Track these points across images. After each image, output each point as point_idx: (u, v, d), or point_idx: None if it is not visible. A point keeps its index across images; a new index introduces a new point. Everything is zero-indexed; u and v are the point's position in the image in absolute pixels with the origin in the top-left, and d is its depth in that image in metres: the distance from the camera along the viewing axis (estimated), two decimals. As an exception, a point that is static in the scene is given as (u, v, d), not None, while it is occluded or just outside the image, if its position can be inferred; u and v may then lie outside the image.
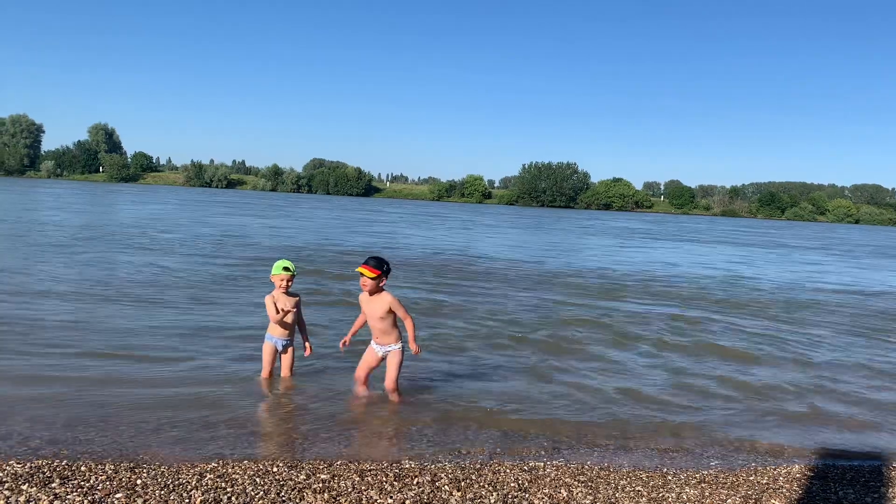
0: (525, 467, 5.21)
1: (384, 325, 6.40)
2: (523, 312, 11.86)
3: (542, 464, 5.32)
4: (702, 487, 5.04)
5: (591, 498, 4.69)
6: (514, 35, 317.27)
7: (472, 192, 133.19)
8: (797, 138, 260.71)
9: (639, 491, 4.88)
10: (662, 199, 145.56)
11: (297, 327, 6.94)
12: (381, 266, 6.26)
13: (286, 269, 6.66)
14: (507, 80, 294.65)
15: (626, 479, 5.09)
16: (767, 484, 5.18)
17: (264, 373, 6.88)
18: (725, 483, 5.17)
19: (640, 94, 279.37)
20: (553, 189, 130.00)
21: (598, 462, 5.48)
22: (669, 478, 5.21)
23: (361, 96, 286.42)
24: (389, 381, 6.55)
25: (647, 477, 5.19)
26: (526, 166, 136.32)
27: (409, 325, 6.37)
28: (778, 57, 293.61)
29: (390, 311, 6.33)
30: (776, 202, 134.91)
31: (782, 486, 5.15)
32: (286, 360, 6.95)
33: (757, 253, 32.85)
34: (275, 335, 6.81)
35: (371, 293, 6.32)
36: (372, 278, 6.21)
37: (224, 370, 7.25)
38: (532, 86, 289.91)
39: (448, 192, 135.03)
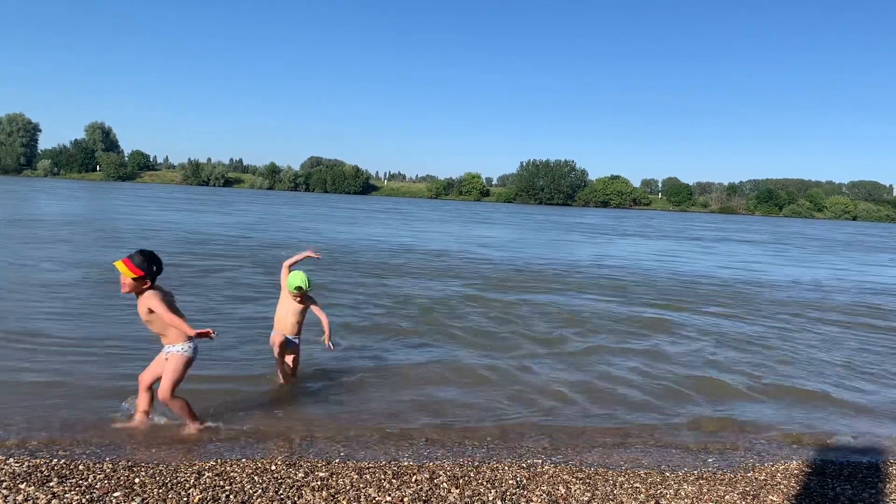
0: (523, 465, 5.22)
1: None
2: (496, 308, 11.88)
3: (540, 461, 5.33)
4: (699, 484, 5.05)
5: (590, 495, 4.69)
6: (512, 33, 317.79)
7: (469, 189, 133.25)
8: (795, 135, 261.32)
9: (637, 488, 4.89)
10: (660, 196, 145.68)
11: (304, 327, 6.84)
12: (145, 266, 5.11)
13: (299, 287, 6.45)
14: (505, 78, 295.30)
15: (624, 477, 5.10)
16: (765, 480, 5.19)
17: (280, 366, 6.73)
18: (723, 480, 5.18)
19: (638, 92, 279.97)
20: (551, 186, 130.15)
21: (597, 460, 5.48)
22: (667, 475, 5.22)
23: (359, 95, 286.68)
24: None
25: (646, 474, 5.20)
26: (524, 164, 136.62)
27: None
28: (776, 54, 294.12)
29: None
30: (774, 199, 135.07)
31: (780, 483, 5.16)
32: (289, 359, 6.89)
33: (685, 246, 32.88)
34: (283, 331, 6.72)
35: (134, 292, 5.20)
36: (134, 279, 5.11)
37: (221, 370, 7.23)
38: (530, 83, 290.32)
39: (446, 189, 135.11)
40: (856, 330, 11.90)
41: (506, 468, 5.10)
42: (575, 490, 4.75)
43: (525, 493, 4.64)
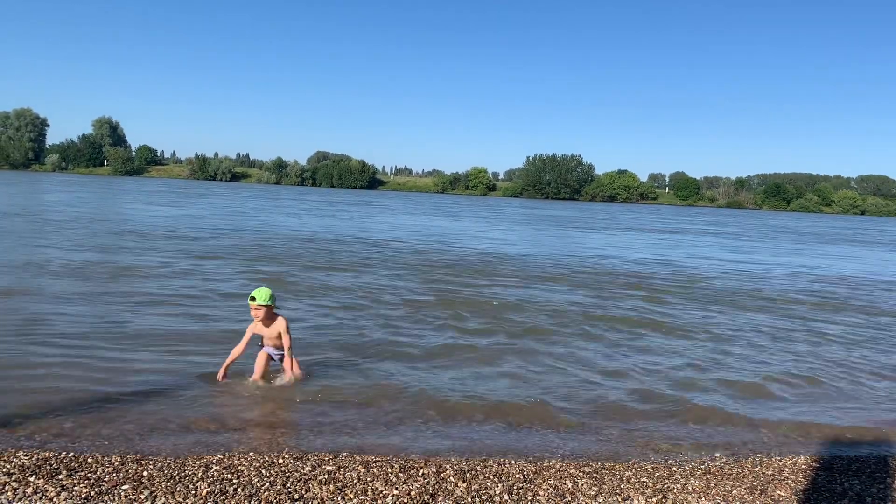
0: (530, 458, 5.22)
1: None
2: (508, 300, 11.87)
3: (547, 456, 5.33)
4: (707, 478, 5.04)
5: (597, 489, 4.69)
6: (518, 27, 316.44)
7: (476, 184, 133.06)
8: (803, 129, 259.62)
9: (644, 482, 4.89)
10: (667, 190, 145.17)
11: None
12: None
13: (252, 298, 6.46)
14: (512, 73, 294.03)
15: (631, 471, 5.10)
16: (773, 475, 5.18)
17: (255, 375, 6.68)
18: (731, 474, 5.17)
19: (645, 86, 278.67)
20: (558, 181, 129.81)
21: (604, 454, 5.48)
22: (675, 469, 5.21)
23: (366, 89, 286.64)
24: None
25: (653, 468, 5.19)
26: (530, 158, 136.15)
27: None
28: (784, 48, 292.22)
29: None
30: (781, 193, 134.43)
31: (788, 477, 5.14)
32: (288, 361, 6.80)
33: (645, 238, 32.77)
34: (268, 346, 6.75)
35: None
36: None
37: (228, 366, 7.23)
38: (537, 78, 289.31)
39: (452, 184, 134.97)
40: (865, 326, 11.84)
41: (512, 462, 5.10)
42: (582, 484, 4.75)
43: (532, 487, 4.64)
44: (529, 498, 4.47)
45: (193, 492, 4.18)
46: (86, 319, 8.82)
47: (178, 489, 4.21)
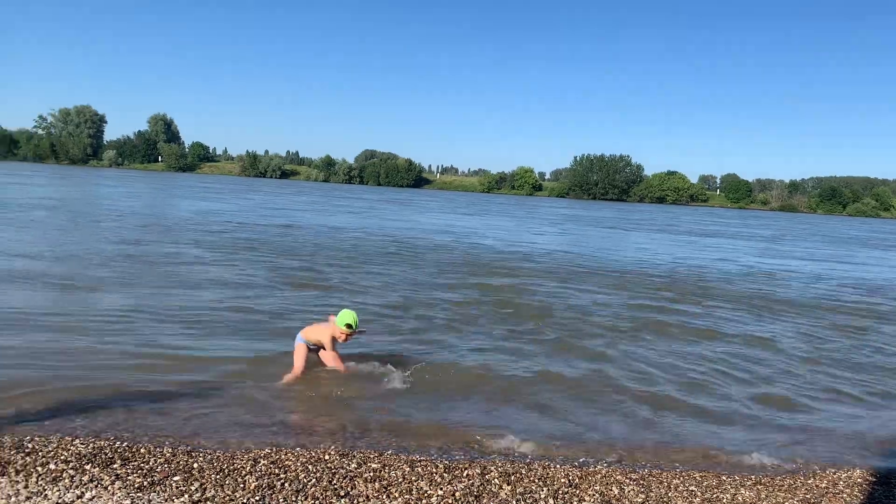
0: (575, 463, 5.17)
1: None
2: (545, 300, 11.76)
3: (593, 461, 5.27)
4: (758, 489, 4.92)
5: (643, 497, 4.62)
6: (566, 26, 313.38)
7: (522, 184, 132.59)
8: (861, 131, 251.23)
9: (692, 491, 4.80)
10: (718, 192, 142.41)
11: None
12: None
13: (348, 325, 6.64)
14: (559, 71, 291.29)
15: (679, 479, 5.01)
16: (827, 488, 5.03)
17: (297, 370, 6.78)
18: (782, 486, 5.04)
19: (696, 85, 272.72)
20: (605, 181, 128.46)
21: (650, 460, 5.40)
22: (724, 478, 5.10)
23: (414, 88, 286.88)
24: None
25: (701, 477, 5.09)
26: (577, 158, 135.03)
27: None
28: (841, 47, 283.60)
29: None
30: (837, 197, 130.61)
31: (842, 491, 4.99)
32: (327, 355, 6.95)
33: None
34: (309, 340, 6.87)
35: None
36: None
37: (274, 361, 7.33)
38: (585, 76, 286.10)
39: (498, 183, 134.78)
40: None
41: (557, 466, 5.06)
42: (628, 491, 4.69)
43: (577, 492, 4.60)
44: (575, 503, 4.42)
45: (242, 485, 4.25)
46: (137, 311, 9.03)
47: (227, 482, 4.28)
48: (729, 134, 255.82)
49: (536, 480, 4.73)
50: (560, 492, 4.57)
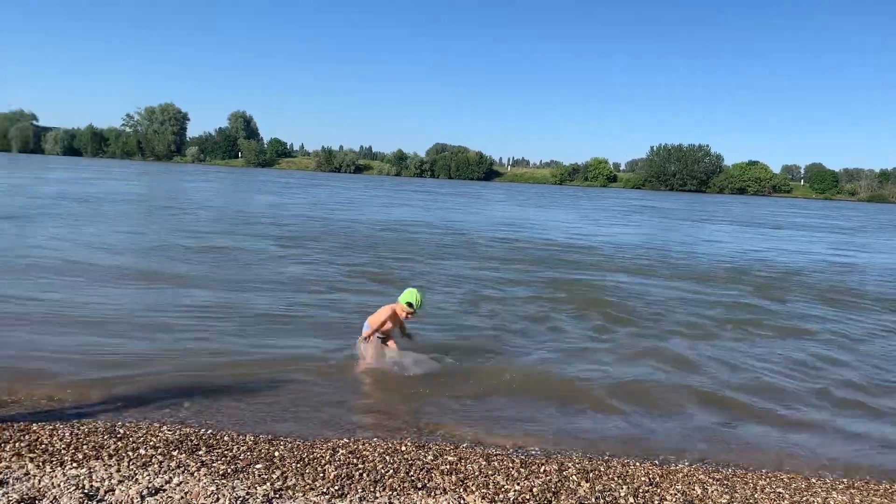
0: (656, 461, 5.05)
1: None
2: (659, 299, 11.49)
3: (674, 458, 5.14)
4: (851, 493, 4.69)
5: (728, 497, 4.47)
6: (644, 15, 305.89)
7: (595, 175, 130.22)
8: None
9: (779, 493, 4.61)
10: (802, 183, 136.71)
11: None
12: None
13: (409, 304, 6.78)
14: (635, 59, 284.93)
15: (765, 480, 4.82)
16: (927, 495, 4.76)
17: (367, 361, 6.86)
18: (878, 491, 4.79)
19: (778, 73, 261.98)
20: (683, 172, 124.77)
21: (734, 460, 5.22)
22: (814, 481, 4.89)
23: (484, 81, 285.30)
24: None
25: (789, 479, 4.89)
26: (654, 149, 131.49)
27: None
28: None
29: None
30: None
31: (945, 498, 4.71)
32: (391, 342, 7.08)
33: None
34: (374, 324, 6.92)
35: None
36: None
37: (346, 353, 7.39)
38: (661, 65, 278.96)
39: (570, 175, 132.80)
40: None
41: (637, 464, 4.94)
42: (711, 491, 4.54)
43: (658, 491, 4.48)
44: (656, 502, 4.31)
45: (322, 474, 4.31)
46: (219, 303, 9.31)
47: (307, 471, 4.35)
48: (813, 122, 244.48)
49: (616, 478, 4.63)
50: (640, 490, 4.46)
